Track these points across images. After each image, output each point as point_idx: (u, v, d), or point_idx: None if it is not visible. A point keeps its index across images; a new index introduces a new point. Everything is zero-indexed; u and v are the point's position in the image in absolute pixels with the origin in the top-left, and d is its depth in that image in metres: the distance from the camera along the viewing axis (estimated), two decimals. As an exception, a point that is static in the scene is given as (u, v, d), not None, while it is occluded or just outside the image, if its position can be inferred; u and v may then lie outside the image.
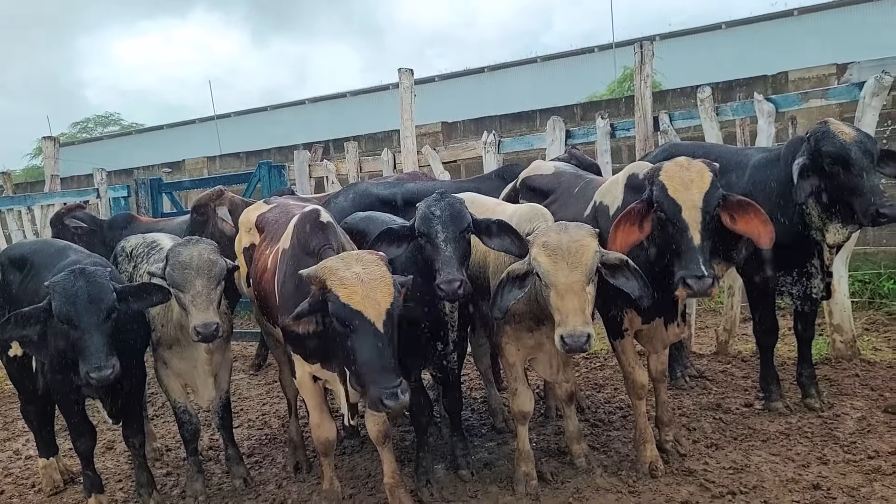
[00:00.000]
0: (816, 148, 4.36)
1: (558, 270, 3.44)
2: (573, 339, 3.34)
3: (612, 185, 4.36)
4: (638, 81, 6.69)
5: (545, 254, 3.49)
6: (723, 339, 6.46)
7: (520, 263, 3.68)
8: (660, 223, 3.76)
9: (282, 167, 8.53)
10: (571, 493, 4.08)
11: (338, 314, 3.20)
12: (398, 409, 3.13)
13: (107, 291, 3.80)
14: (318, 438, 3.98)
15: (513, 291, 3.65)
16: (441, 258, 3.73)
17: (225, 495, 4.58)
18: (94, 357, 3.65)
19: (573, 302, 3.40)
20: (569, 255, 3.45)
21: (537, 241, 3.57)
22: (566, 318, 3.39)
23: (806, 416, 4.82)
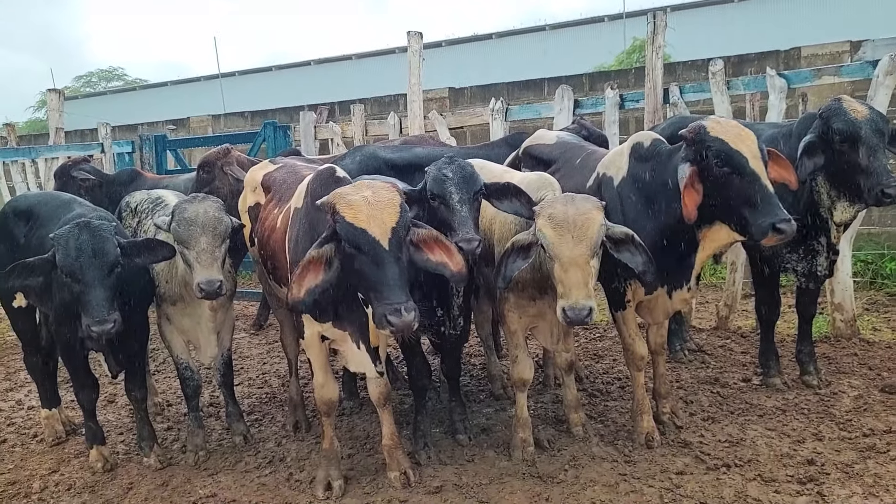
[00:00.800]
0: (827, 124, 4.33)
1: (563, 243, 3.43)
2: (575, 312, 3.35)
3: (616, 156, 4.33)
4: (649, 52, 6.63)
5: (550, 226, 3.48)
6: (723, 314, 6.49)
7: (525, 234, 3.69)
8: (721, 179, 3.62)
9: (287, 128, 8.49)
10: (567, 460, 4.13)
11: (344, 234, 3.22)
12: (402, 327, 3.11)
13: (111, 245, 3.81)
14: (321, 398, 4.01)
15: (517, 262, 3.66)
16: (457, 219, 3.72)
17: (225, 451, 4.63)
18: (95, 310, 3.67)
19: (576, 275, 3.39)
20: (574, 227, 3.44)
21: (543, 212, 3.56)
22: (569, 291, 3.40)
23: (803, 393, 4.86)
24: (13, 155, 8.87)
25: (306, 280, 3.33)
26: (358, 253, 3.22)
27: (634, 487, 3.77)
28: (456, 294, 4.23)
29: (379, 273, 3.18)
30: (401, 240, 3.27)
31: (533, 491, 3.82)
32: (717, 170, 3.62)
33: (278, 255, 4.10)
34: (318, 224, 3.59)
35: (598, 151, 4.73)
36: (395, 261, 3.20)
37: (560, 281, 3.45)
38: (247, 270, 8.78)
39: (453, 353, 4.56)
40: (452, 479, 4.00)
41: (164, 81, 32.50)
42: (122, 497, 4.10)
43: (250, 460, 4.47)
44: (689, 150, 3.73)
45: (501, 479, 3.97)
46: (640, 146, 4.14)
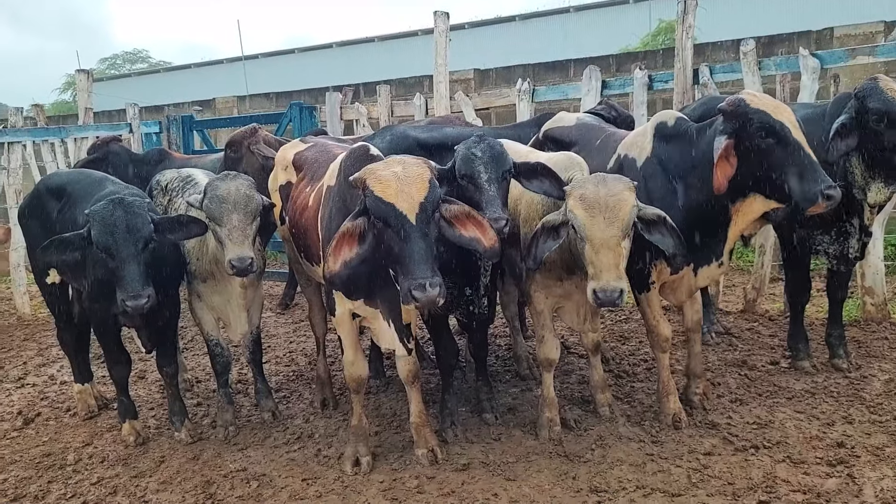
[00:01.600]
0: (863, 104, 4.26)
1: (595, 224, 3.43)
2: (606, 294, 3.36)
3: (639, 136, 4.31)
4: (679, 32, 6.54)
5: (582, 206, 3.48)
6: (751, 297, 6.44)
7: (555, 214, 3.68)
8: (764, 151, 3.65)
9: (313, 108, 8.50)
10: (594, 440, 4.14)
11: (373, 208, 3.25)
12: (426, 302, 3.13)
13: (145, 222, 3.87)
14: (350, 376, 4.04)
15: (547, 242, 3.66)
16: (485, 198, 3.71)
17: (254, 427, 4.70)
18: (130, 285, 3.74)
19: (608, 257, 3.39)
20: (606, 209, 3.43)
21: (574, 192, 3.56)
22: (600, 273, 3.40)
23: (832, 376, 4.82)
24: (44, 134, 8.97)
25: (342, 253, 3.36)
26: (386, 227, 3.25)
27: (662, 467, 3.78)
28: (483, 273, 4.25)
29: (405, 247, 3.20)
30: (429, 215, 3.28)
31: (560, 469, 3.84)
32: (761, 140, 3.63)
33: (310, 233, 4.13)
34: (350, 202, 3.61)
35: (617, 133, 4.72)
36: (421, 236, 3.22)
37: (591, 262, 3.45)
38: (273, 250, 8.84)
39: (480, 333, 4.58)
40: (479, 456, 4.03)
41: (187, 64, 32.63)
42: (155, 469, 4.18)
43: (279, 436, 4.53)
44: (727, 123, 3.72)
45: (528, 458, 3.99)
46: (665, 125, 4.13)
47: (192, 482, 3.98)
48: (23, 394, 5.65)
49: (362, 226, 3.36)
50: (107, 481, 4.07)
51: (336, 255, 3.35)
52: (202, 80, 28.59)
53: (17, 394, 5.65)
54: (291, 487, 3.85)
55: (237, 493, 3.83)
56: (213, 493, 3.85)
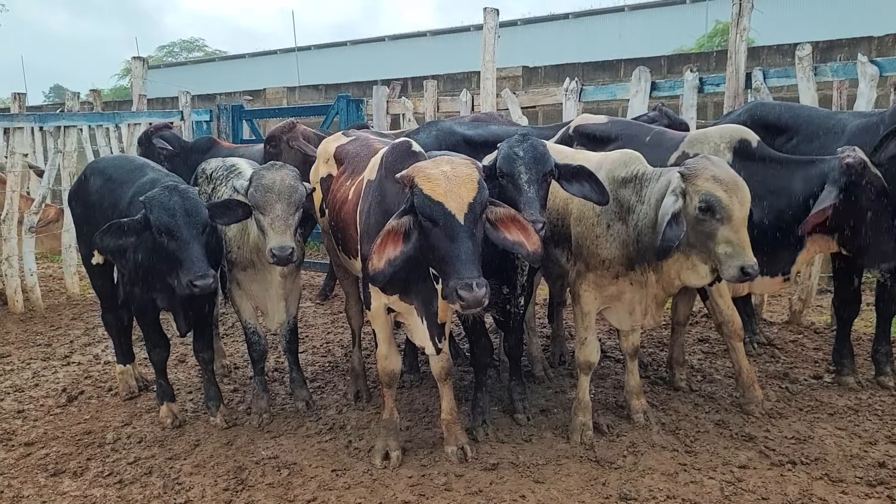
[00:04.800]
0: None
1: (734, 204, 3.47)
2: (753, 268, 3.42)
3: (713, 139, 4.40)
4: (733, 34, 6.40)
5: (722, 188, 3.48)
6: (797, 308, 6.28)
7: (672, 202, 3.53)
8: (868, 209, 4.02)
9: (360, 101, 8.55)
10: (627, 446, 4.09)
11: (421, 207, 3.24)
12: (473, 302, 3.12)
13: (201, 206, 4.00)
14: (383, 370, 4.06)
15: (675, 228, 3.54)
16: (524, 199, 3.71)
17: (287, 415, 4.75)
18: (196, 266, 3.83)
19: (746, 234, 3.47)
20: (738, 188, 3.50)
21: (703, 174, 3.52)
22: (742, 251, 3.45)
23: (877, 394, 4.67)
24: (98, 119, 9.19)
25: (386, 251, 3.36)
26: (433, 226, 3.24)
27: (694, 478, 3.71)
28: (521, 272, 4.24)
29: (452, 247, 3.19)
30: (476, 216, 3.28)
31: (590, 475, 3.80)
32: (867, 202, 4.01)
33: (349, 226, 4.15)
34: (390, 197, 3.62)
35: (668, 131, 4.75)
36: (469, 236, 3.21)
37: (728, 242, 3.48)
38: (314, 241, 8.93)
39: (516, 332, 4.55)
40: (509, 457, 4.01)
41: (241, 53, 33.20)
42: (189, 452, 4.25)
43: (311, 426, 4.58)
44: (844, 175, 4.02)
45: (558, 461, 3.97)
46: (748, 144, 4.33)
47: (225, 467, 4.05)
48: (68, 372, 5.81)
49: (408, 224, 3.36)
50: (143, 461, 4.16)
51: (380, 252, 3.35)
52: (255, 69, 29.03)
53: (62, 371, 5.82)
54: (321, 477, 3.88)
55: (268, 480, 3.88)
56: (245, 478, 3.91)
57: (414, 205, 3.30)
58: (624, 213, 3.89)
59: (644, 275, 3.97)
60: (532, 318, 5.37)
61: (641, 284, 4.03)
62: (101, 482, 3.96)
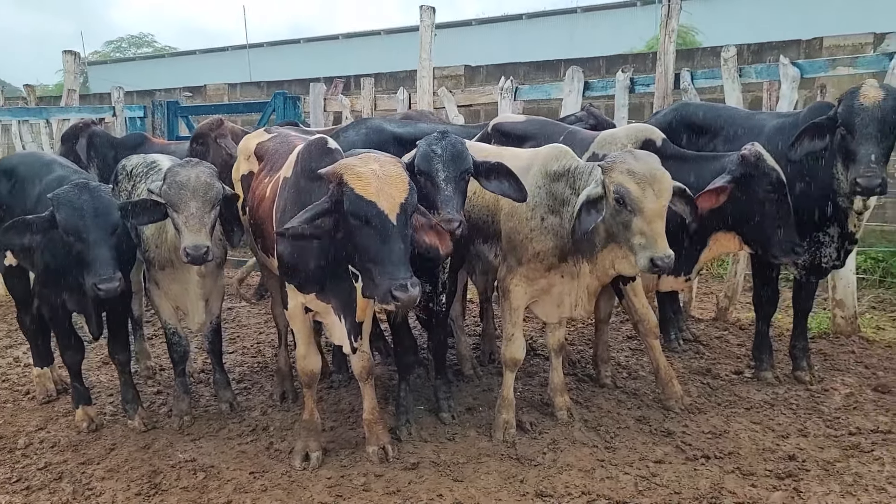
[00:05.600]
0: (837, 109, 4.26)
1: (647, 197, 3.53)
2: (664, 260, 3.46)
3: (620, 140, 4.47)
4: (662, 36, 6.50)
5: (634, 180, 3.55)
6: (723, 305, 6.40)
7: (593, 189, 3.67)
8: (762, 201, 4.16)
9: (297, 99, 8.45)
10: (547, 443, 4.11)
11: (352, 206, 3.21)
12: (408, 303, 3.13)
13: (112, 206, 3.88)
14: (303, 370, 4.01)
15: (591, 215, 3.67)
16: (441, 197, 3.71)
17: (210, 417, 4.66)
18: (102, 269, 3.72)
19: (660, 226, 3.52)
20: (654, 181, 3.55)
21: (619, 167, 3.61)
22: (654, 242, 3.49)
23: (794, 388, 4.79)
24: (25, 115, 8.92)
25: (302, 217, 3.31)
26: (364, 226, 3.21)
27: (610, 474, 3.75)
28: (442, 270, 4.23)
29: (385, 248, 3.17)
30: (407, 216, 3.27)
31: (509, 472, 3.81)
32: (766, 194, 4.12)
33: (266, 224, 4.09)
34: (306, 195, 3.58)
35: (580, 130, 4.84)
36: (401, 236, 3.20)
37: (641, 233, 3.54)
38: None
39: (440, 331, 4.55)
40: (430, 456, 4.01)
41: (192, 50, 32.55)
42: (104, 457, 4.14)
43: (234, 428, 4.50)
44: (740, 166, 4.15)
45: (479, 459, 3.97)
46: (653, 144, 4.38)
47: (140, 471, 3.95)
48: (-15, 375, 5.61)
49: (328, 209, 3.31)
50: (54, 467, 4.04)
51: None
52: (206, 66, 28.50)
53: (-21, 375, 5.62)
54: (237, 480, 3.82)
55: (182, 484, 3.80)
56: (159, 482, 3.82)
57: (340, 202, 3.26)
58: (558, 207, 3.92)
59: (577, 266, 4.04)
60: (460, 317, 5.37)
61: (573, 276, 4.10)
62: (8, 489, 3.83)
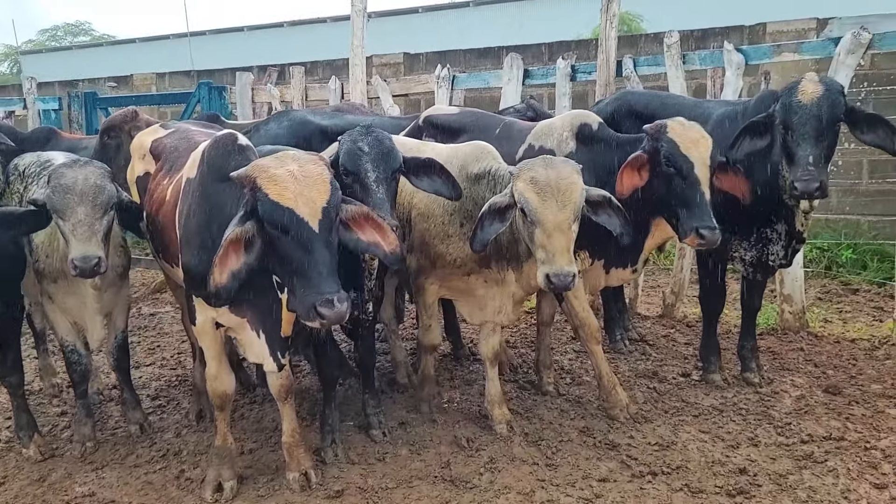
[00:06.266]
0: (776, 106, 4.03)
1: (547, 208, 3.32)
2: (560, 278, 3.26)
3: (557, 129, 4.27)
4: (603, 21, 6.21)
5: (534, 190, 3.34)
6: (669, 301, 6.18)
7: (501, 196, 3.51)
8: (665, 177, 3.81)
9: (223, 89, 7.97)
10: (485, 462, 3.81)
11: (267, 214, 2.88)
12: (334, 320, 2.84)
13: None
14: (214, 391, 3.63)
15: (494, 224, 3.49)
16: (372, 200, 3.42)
17: (118, 442, 4.25)
18: None
19: (560, 240, 3.31)
20: (558, 192, 3.34)
21: (523, 175, 3.40)
22: (553, 257, 3.29)
23: (743, 391, 4.57)
24: (-74, 108, 8.25)
25: (229, 262, 2.96)
26: (283, 235, 2.87)
27: (551, 496, 3.46)
28: (370, 275, 3.90)
29: (307, 259, 2.85)
30: (331, 221, 2.93)
31: (442, 497, 3.51)
32: (665, 168, 3.79)
33: (168, 230, 3.67)
34: (214, 198, 3.22)
35: (517, 122, 4.66)
36: (325, 245, 2.88)
37: (542, 246, 3.34)
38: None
39: (367, 341, 4.21)
40: (357, 481, 3.67)
41: (132, 38, 31.33)
42: (-11, 494, 3.70)
43: (143, 453, 4.10)
44: (648, 142, 3.87)
45: (410, 483, 3.65)
46: (588, 128, 4.20)
47: (29, 510, 3.52)
48: None
49: (251, 231, 2.96)
50: (-71, 508, 3.58)
51: (223, 265, 2.94)
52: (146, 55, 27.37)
53: None
54: (139, 517, 3.42)
55: (75, 525, 3.39)
56: (49, 523, 3.41)
57: (256, 209, 2.91)
58: (479, 212, 3.62)
59: (502, 273, 3.85)
60: (393, 321, 5.07)
61: (498, 282, 3.91)
62: None
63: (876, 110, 7.87)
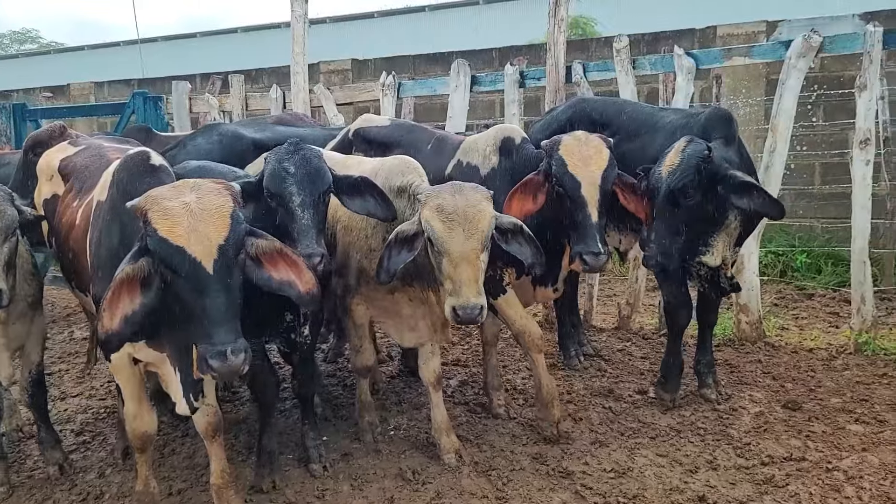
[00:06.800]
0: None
1: (453, 237, 3.13)
2: (466, 311, 3.08)
3: (482, 145, 4.15)
4: (551, 26, 6.03)
5: (440, 218, 3.14)
6: (625, 313, 6.00)
7: (409, 224, 3.29)
8: (557, 197, 3.68)
9: (158, 99, 7.61)
10: (432, 496, 3.56)
11: (158, 252, 2.58)
12: (227, 374, 2.57)
13: None
14: (133, 432, 3.34)
15: (402, 254, 3.29)
16: (298, 226, 3.20)
17: (34, 485, 3.90)
18: None
19: (467, 271, 3.11)
20: (465, 220, 3.14)
21: (430, 202, 3.20)
22: (459, 289, 3.11)
23: (700, 409, 4.38)
24: None
25: (121, 305, 2.63)
26: (175, 277, 2.58)
27: (501, 534, 3.23)
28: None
29: (200, 304, 2.56)
30: (231, 260, 2.64)
31: (383, 539, 3.24)
32: (554, 188, 3.69)
33: (79, 257, 3.37)
34: (125, 224, 2.94)
35: (450, 137, 4.50)
36: (222, 288, 2.58)
37: (449, 277, 3.14)
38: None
39: (305, 367, 3.93)
40: (291, 523, 3.39)
41: (80, 45, 30.52)
42: None
43: (61, 497, 3.77)
44: (545, 161, 3.75)
45: (350, 524, 3.38)
46: (511, 142, 4.08)
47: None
48: None
49: (146, 268, 2.65)
50: None
51: (113, 308, 2.62)
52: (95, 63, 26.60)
53: None
54: (48, 577, 3.10)
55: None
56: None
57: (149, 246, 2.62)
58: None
59: (424, 293, 3.67)
60: None
61: (423, 301, 3.72)
62: None
63: (826, 114, 7.92)
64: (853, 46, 5.11)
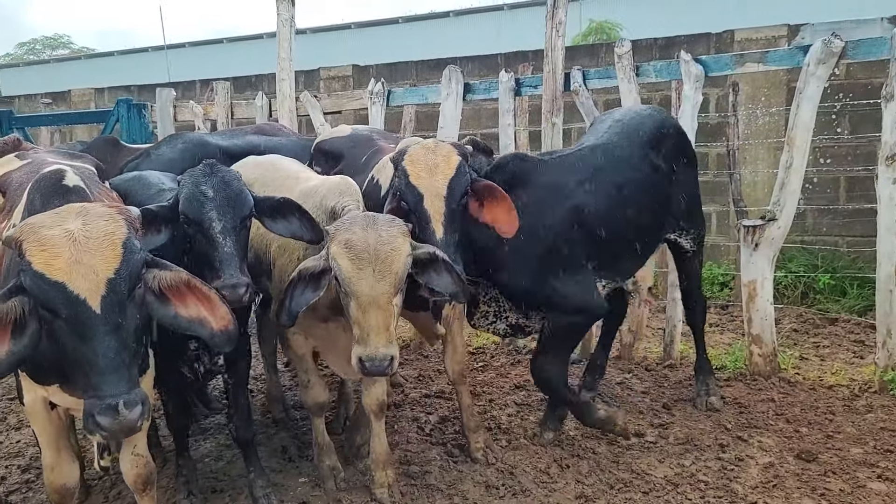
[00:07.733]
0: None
1: (362, 279, 2.76)
2: (374, 363, 2.76)
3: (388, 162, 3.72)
4: (548, 30, 5.59)
5: (348, 256, 2.77)
6: (627, 341, 5.49)
7: (314, 260, 2.93)
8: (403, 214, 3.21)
9: (142, 106, 7.27)
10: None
11: (33, 290, 2.22)
12: (117, 431, 2.22)
13: None
14: (51, 484, 2.97)
15: (306, 294, 2.94)
16: (219, 255, 2.90)
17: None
18: None
19: (376, 317, 2.78)
20: (377, 260, 2.76)
21: (339, 236, 2.82)
22: (367, 337, 2.78)
23: (702, 458, 3.91)
24: None
25: None
26: (54, 318, 2.22)
27: None
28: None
29: (85, 349, 2.21)
30: (121, 297, 2.28)
31: None
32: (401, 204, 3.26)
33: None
34: None
35: (384, 149, 4.00)
36: (111, 330, 2.23)
37: (356, 323, 2.78)
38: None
39: (240, 410, 3.57)
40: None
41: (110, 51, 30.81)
42: None
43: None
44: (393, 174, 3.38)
45: None
46: None
47: None
48: None
49: (18, 309, 2.28)
50: None
51: None
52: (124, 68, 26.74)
53: None
54: None
55: None
56: None
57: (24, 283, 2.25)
58: None
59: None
60: (272, 354, 4.65)
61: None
62: None
63: (852, 124, 7.36)
64: (879, 52, 4.58)
